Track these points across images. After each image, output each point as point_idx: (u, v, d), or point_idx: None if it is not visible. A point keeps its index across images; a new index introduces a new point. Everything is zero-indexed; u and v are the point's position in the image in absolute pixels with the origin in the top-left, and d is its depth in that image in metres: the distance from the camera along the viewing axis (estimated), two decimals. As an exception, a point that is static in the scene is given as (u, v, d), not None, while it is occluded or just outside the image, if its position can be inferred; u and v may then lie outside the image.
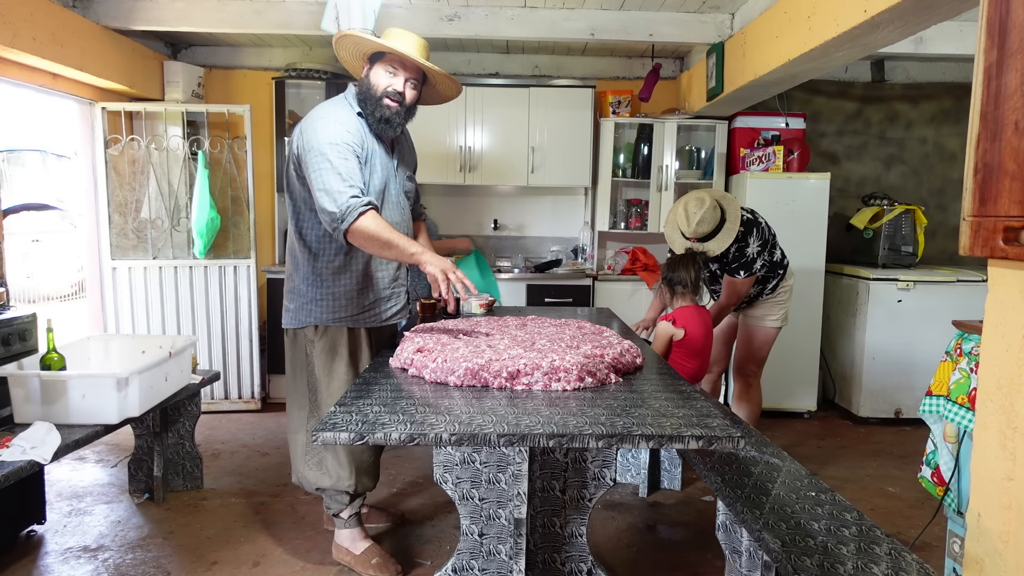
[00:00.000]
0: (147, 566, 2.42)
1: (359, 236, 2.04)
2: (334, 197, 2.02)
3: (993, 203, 1.04)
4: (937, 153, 4.93)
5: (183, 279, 4.19)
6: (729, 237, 2.93)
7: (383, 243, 2.05)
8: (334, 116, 2.16)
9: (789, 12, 3.04)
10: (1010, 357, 1.08)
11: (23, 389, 2.35)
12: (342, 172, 2.05)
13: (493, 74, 4.86)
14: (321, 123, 2.13)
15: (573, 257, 4.95)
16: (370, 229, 2.03)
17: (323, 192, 2.04)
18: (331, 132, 2.10)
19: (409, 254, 2.07)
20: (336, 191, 2.03)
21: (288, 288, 2.37)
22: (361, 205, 2.02)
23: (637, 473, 3.12)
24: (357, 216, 2.02)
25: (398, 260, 2.17)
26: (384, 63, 2.20)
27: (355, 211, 2.01)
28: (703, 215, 2.87)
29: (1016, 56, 1.00)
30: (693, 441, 1.46)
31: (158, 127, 4.17)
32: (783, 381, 4.31)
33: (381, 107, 2.20)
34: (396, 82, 2.20)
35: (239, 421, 4.11)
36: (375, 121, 2.21)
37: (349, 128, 2.15)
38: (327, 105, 2.25)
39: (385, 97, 2.19)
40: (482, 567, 2.06)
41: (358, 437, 1.45)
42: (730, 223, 2.94)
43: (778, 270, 3.17)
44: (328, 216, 2.04)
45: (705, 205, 2.88)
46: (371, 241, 2.05)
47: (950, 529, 2.10)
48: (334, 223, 2.04)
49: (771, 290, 3.21)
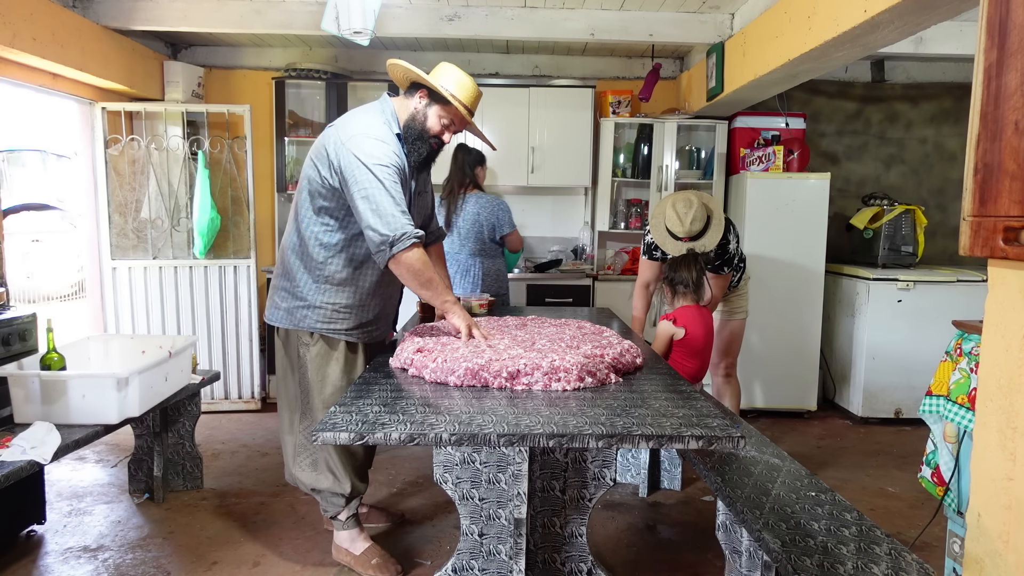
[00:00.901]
0: (147, 566, 2.42)
1: (403, 266, 2.05)
2: (387, 220, 2.01)
3: (993, 203, 1.04)
4: (937, 153, 4.93)
5: (183, 279, 4.19)
6: (719, 231, 3.00)
7: (424, 280, 2.08)
8: (381, 135, 2.13)
9: (789, 12, 3.04)
10: (1010, 357, 1.08)
11: (23, 389, 2.35)
12: (395, 196, 2.04)
13: (493, 74, 4.86)
14: (369, 141, 2.09)
15: (573, 257, 4.95)
16: (416, 264, 2.05)
17: (374, 212, 2.02)
18: (382, 153, 2.08)
19: (442, 300, 2.13)
20: (390, 214, 2.02)
21: (280, 285, 2.32)
22: (414, 236, 2.03)
23: (637, 473, 3.12)
24: (409, 246, 2.02)
25: (428, 301, 2.21)
26: (444, 109, 2.19)
27: (408, 239, 2.02)
28: (695, 214, 2.93)
29: (1016, 56, 1.00)
30: (693, 441, 1.46)
31: (158, 127, 4.17)
32: (783, 381, 4.31)
33: (425, 146, 2.21)
34: (447, 135, 2.23)
35: (239, 421, 4.11)
36: (414, 159, 2.22)
37: (397, 152, 2.14)
38: (369, 118, 2.19)
39: (432, 139, 2.21)
40: (482, 567, 2.06)
41: (358, 437, 1.45)
42: (716, 219, 3.02)
43: (742, 264, 3.33)
44: (378, 237, 2.02)
45: (693, 205, 2.94)
46: (413, 275, 2.06)
47: (950, 529, 2.10)
48: (383, 245, 2.02)
49: (736, 283, 3.35)
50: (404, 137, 2.21)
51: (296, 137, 4.62)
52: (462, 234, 3.57)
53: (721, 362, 3.42)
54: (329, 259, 2.22)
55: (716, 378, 3.48)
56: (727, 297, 3.37)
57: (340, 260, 2.23)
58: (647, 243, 3.24)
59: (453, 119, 2.21)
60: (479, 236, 3.57)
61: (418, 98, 2.20)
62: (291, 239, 2.29)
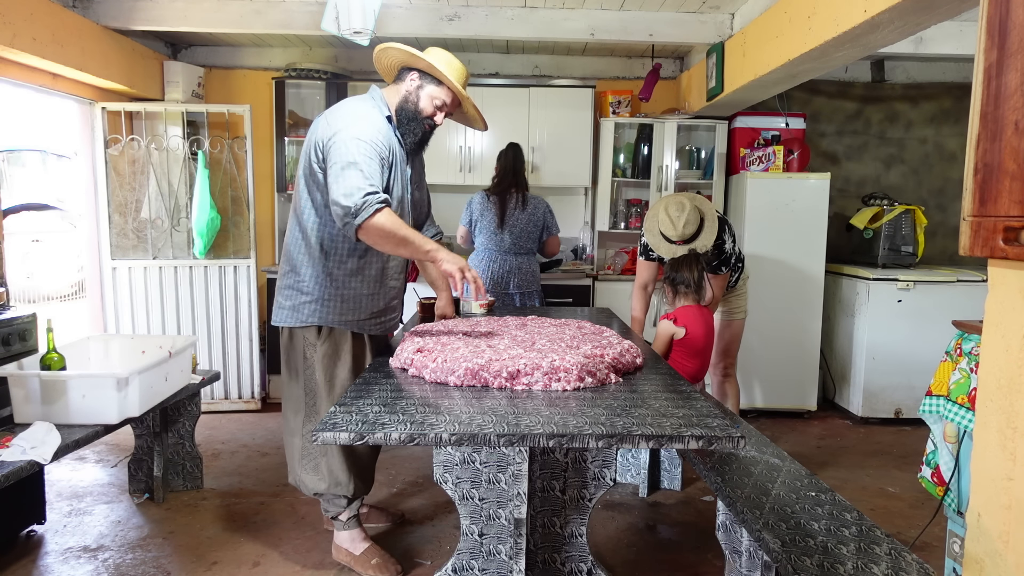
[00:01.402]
0: (147, 566, 2.42)
1: (373, 232, 2.01)
2: (350, 192, 1.99)
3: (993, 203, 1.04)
4: (937, 153, 4.93)
5: (183, 279, 4.19)
6: (712, 232, 3.01)
7: (399, 240, 2.02)
8: (365, 115, 2.15)
9: (789, 12, 3.04)
10: (1010, 357, 1.08)
11: (23, 389, 2.35)
12: (364, 171, 2.02)
13: (493, 74, 4.86)
14: (351, 119, 2.11)
15: (573, 257, 4.95)
16: (386, 225, 1.99)
17: (340, 186, 2.01)
18: (361, 130, 2.08)
19: (425, 251, 2.06)
20: (354, 186, 1.99)
21: (285, 284, 2.29)
22: (377, 201, 2.00)
23: (637, 473, 3.12)
24: (373, 212, 1.98)
25: (413, 257, 2.17)
26: (437, 89, 2.21)
27: (371, 206, 1.98)
28: (687, 217, 2.95)
29: (1016, 56, 1.00)
30: (693, 441, 1.46)
31: (158, 127, 4.17)
32: (783, 381, 4.31)
33: (420, 127, 2.23)
34: (440, 115, 2.25)
35: (239, 421, 4.11)
36: (409, 140, 2.23)
37: (380, 129, 2.14)
38: (355, 102, 2.23)
39: (425, 121, 2.23)
40: (482, 567, 2.06)
41: (358, 437, 1.45)
42: (709, 221, 3.03)
43: (739, 264, 3.32)
44: (342, 210, 2.00)
45: (686, 208, 2.95)
46: (386, 238, 2.02)
47: (950, 529, 2.10)
48: (347, 217, 1.99)
49: (734, 283, 3.34)
50: (397, 120, 2.23)
51: (296, 137, 4.62)
52: (515, 233, 3.61)
53: (720, 362, 3.43)
54: (333, 249, 2.22)
55: (715, 378, 3.49)
56: (726, 297, 3.37)
57: (344, 250, 2.23)
58: (644, 244, 3.26)
59: (445, 100, 2.23)
60: (532, 235, 3.64)
61: (409, 80, 2.23)
62: (293, 234, 2.29)
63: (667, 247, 3.05)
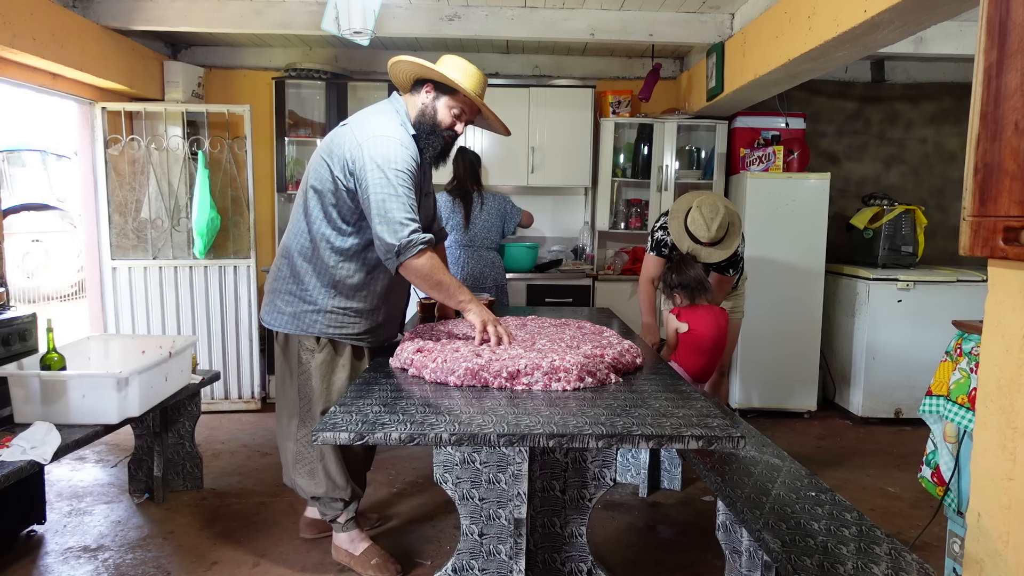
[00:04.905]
0: (147, 566, 2.42)
1: (412, 272, 2.07)
2: (395, 228, 2.01)
3: (993, 203, 1.04)
4: (937, 153, 4.93)
5: (183, 279, 4.19)
6: (736, 239, 3.01)
7: (435, 283, 2.08)
8: (398, 138, 2.12)
9: (789, 12, 3.04)
10: (1010, 357, 1.08)
11: (23, 389, 2.35)
12: (406, 203, 2.04)
13: (493, 74, 4.86)
14: (387, 143, 2.08)
15: (573, 257, 4.95)
16: (425, 269, 2.06)
17: (383, 219, 2.02)
18: (398, 156, 2.07)
19: (457, 300, 2.11)
20: (398, 222, 2.01)
21: (285, 289, 2.26)
22: (421, 242, 2.03)
23: (637, 473, 3.12)
24: (416, 252, 2.03)
25: (443, 302, 2.20)
26: (453, 99, 2.18)
27: (415, 246, 2.02)
28: (720, 221, 2.93)
29: (1016, 56, 1.00)
30: (693, 441, 1.46)
31: (158, 127, 4.17)
32: (783, 381, 4.31)
33: (439, 140, 2.20)
34: (460, 125, 2.22)
35: (239, 421, 4.11)
36: (430, 153, 2.21)
37: (413, 155, 2.13)
38: (386, 119, 2.17)
39: (445, 132, 2.20)
40: (482, 567, 2.06)
41: (358, 437, 1.45)
42: (735, 228, 3.01)
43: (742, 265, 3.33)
44: (385, 246, 2.03)
45: (720, 212, 2.93)
46: (423, 279, 2.08)
47: (950, 529, 2.10)
48: (390, 254, 2.03)
49: (736, 284, 3.35)
50: (416, 134, 2.19)
51: (296, 137, 4.62)
52: (483, 230, 3.76)
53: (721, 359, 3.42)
54: (341, 263, 2.20)
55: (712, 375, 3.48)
56: (726, 297, 3.37)
57: (353, 265, 2.21)
58: (657, 239, 3.19)
59: (463, 108, 2.20)
60: (498, 230, 3.82)
61: (424, 92, 2.19)
62: (299, 241, 2.23)
63: (689, 244, 3.02)
